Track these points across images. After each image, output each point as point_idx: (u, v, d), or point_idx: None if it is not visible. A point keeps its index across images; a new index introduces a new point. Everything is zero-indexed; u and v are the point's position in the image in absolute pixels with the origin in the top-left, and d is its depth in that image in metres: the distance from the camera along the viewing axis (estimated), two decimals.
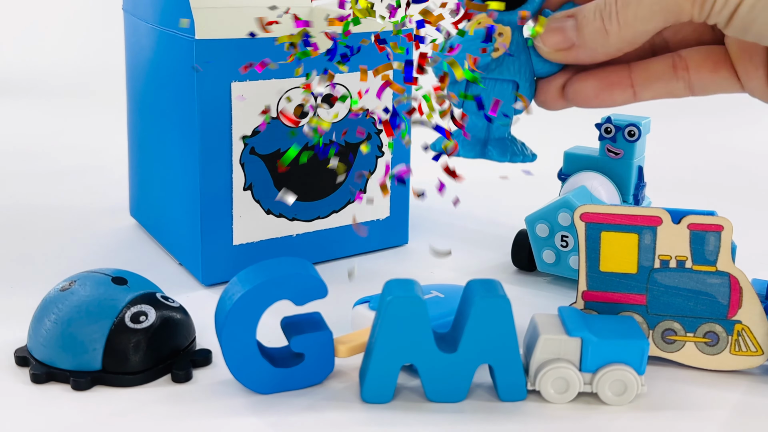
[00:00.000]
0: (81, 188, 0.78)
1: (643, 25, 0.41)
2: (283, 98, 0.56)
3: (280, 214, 0.58)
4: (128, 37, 0.65)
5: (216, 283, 0.58)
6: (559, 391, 0.45)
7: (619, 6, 0.41)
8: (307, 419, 0.43)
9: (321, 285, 0.45)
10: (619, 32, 0.42)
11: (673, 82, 0.45)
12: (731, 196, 0.81)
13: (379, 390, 0.45)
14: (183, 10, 0.53)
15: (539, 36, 0.44)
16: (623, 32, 0.42)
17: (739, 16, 0.39)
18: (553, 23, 0.44)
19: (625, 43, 0.42)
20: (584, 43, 0.43)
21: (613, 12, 0.42)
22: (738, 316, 0.48)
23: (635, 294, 0.48)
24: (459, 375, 0.44)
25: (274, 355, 0.46)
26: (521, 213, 0.61)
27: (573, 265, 0.57)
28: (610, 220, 0.48)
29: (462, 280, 0.52)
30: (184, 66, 0.54)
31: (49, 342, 0.46)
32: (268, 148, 0.57)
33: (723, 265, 0.47)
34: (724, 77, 0.45)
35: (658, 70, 0.45)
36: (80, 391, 0.45)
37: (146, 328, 0.46)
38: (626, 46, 0.43)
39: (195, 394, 0.45)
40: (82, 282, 0.47)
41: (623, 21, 0.41)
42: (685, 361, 0.49)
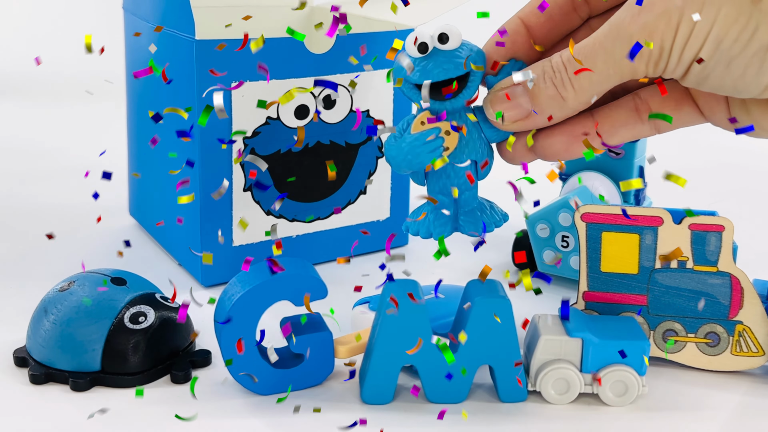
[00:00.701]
0: (81, 188, 0.78)
1: (598, 87, 0.41)
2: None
3: (280, 215, 0.58)
4: (128, 36, 0.65)
5: (216, 283, 0.58)
6: (559, 392, 0.45)
7: (570, 74, 0.41)
8: (307, 420, 0.43)
9: (321, 285, 0.45)
10: (575, 97, 0.42)
11: (639, 125, 0.45)
12: (732, 197, 0.81)
13: (379, 391, 0.44)
14: (183, 10, 0.53)
15: (493, 109, 0.43)
16: (579, 96, 0.42)
17: (693, 73, 0.40)
18: (502, 93, 0.43)
19: (583, 105, 0.42)
20: (541, 110, 0.43)
21: (566, 79, 0.41)
22: (739, 316, 0.47)
23: (636, 294, 0.48)
24: (459, 376, 0.44)
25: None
26: (521, 213, 0.61)
27: (574, 266, 0.57)
28: (611, 220, 0.48)
29: (462, 280, 0.52)
30: (184, 66, 0.54)
31: (48, 342, 0.46)
32: (268, 149, 0.56)
33: (724, 265, 0.47)
34: (687, 113, 0.45)
35: (621, 116, 0.45)
36: (79, 391, 0.45)
37: (145, 329, 0.46)
38: (583, 107, 0.42)
39: (194, 395, 0.45)
40: (81, 282, 0.47)
41: (578, 87, 0.41)
42: (686, 361, 0.48)
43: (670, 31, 0.39)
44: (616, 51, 0.40)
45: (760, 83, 0.39)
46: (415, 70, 0.43)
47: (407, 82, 0.44)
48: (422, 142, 0.44)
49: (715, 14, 0.38)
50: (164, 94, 0.58)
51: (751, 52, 0.39)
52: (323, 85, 0.41)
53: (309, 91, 0.44)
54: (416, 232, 0.47)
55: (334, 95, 0.58)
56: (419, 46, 0.43)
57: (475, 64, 0.44)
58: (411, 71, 0.43)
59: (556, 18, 0.46)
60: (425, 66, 0.43)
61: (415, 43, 0.43)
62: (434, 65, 0.43)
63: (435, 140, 0.44)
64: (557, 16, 0.46)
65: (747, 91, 0.40)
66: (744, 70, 0.39)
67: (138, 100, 0.64)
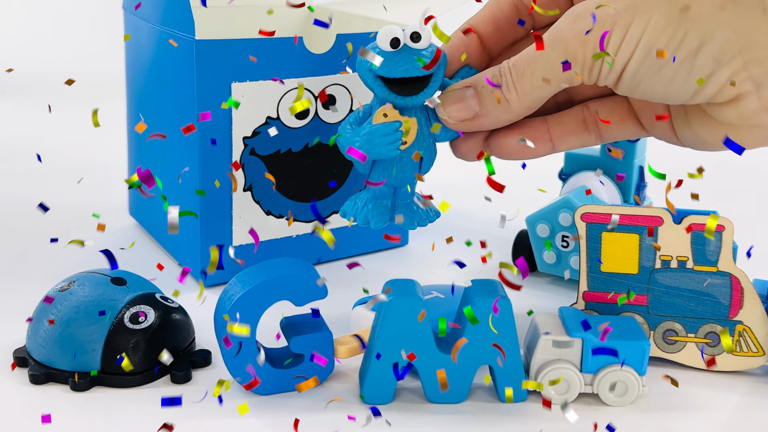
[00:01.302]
0: (81, 188, 0.78)
1: (539, 92, 0.43)
2: (282, 101, 0.56)
3: (280, 215, 0.58)
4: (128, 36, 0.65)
5: (216, 283, 0.58)
6: (559, 392, 0.45)
7: (513, 77, 0.43)
8: (307, 420, 0.43)
9: (321, 285, 0.45)
10: (518, 101, 0.44)
11: (585, 134, 0.48)
12: (732, 196, 0.81)
13: (379, 391, 0.44)
14: (183, 10, 0.53)
15: (444, 108, 0.46)
16: (522, 100, 0.44)
17: (625, 80, 0.42)
18: (454, 93, 0.46)
19: (526, 109, 0.45)
20: (487, 112, 0.45)
21: (510, 82, 0.44)
22: (739, 316, 0.47)
23: (636, 294, 0.48)
24: (459, 376, 0.44)
25: (274, 355, 0.46)
26: (522, 213, 0.61)
27: (574, 266, 0.57)
28: (608, 220, 0.48)
29: (462, 281, 0.52)
30: (184, 66, 0.54)
31: (48, 342, 0.46)
32: (268, 149, 0.56)
33: (724, 265, 0.47)
34: (629, 127, 0.47)
35: (571, 124, 0.48)
36: (79, 391, 0.45)
37: (145, 329, 0.46)
38: (527, 111, 0.45)
39: (194, 395, 0.45)
40: (81, 282, 0.47)
41: (521, 90, 0.44)
42: (686, 361, 0.48)
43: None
44: (554, 57, 0.42)
45: (689, 89, 0.41)
46: (384, 63, 0.45)
47: (371, 72, 0.46)
48: (381, 134, 0.46)
49: (645, 22, 0.40)
50: (164, 94, 0.58)
51: (679, 58, 0.40)
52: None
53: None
54: (354, 217, 0.49)
55: (335, 94, 0.58)
56: (392, 41, 0.45)
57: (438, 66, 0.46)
58: (379, 64, 0.45)
59: (503, 27, 0.49)
60: (395, 60, 0.45)
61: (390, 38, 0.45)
62: (404, 61, 0.45)
63: (395, 134, 0.46)
64: (504, 26, 0.49)
65: (677, 97, 0.41)
66: (673, 76, 0.40)
67: (138, 100, 0.64)
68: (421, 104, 0.47)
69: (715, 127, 0.43)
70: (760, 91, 0.40)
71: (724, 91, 0.40)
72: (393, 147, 0.46)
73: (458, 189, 0.75)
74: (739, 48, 0.39)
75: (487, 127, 0.46)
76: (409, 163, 0.48)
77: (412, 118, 0.46)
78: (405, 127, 0.46)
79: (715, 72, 0.40)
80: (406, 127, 0.46)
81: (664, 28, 0.40)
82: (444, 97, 0.46)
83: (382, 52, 0.45)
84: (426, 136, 0.48)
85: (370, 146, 0.46)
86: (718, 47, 0.39)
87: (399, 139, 0.46)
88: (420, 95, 0.46)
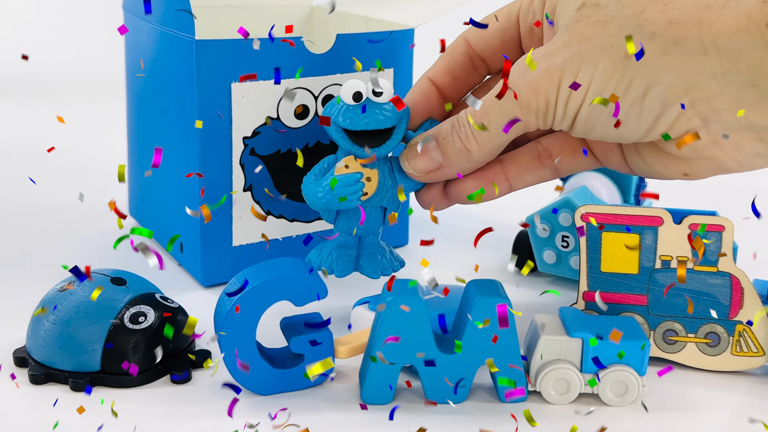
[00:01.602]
0: (81, 188, 0.78)
1: (498, 140, 0.45)
2: (283, 101, 0.56)
3: (280, 215, 0.58)
4: (128, 36, 0.65)
5: (215, 284, 0.58)
6: (560, 392, 0.45)
7: (473, 127, 0.45)
8: (307, 420, 0.43)
9: (321, 285, 0.45)
10: (479, 149, 0.46)
11: (541, 170, 0.49)
12: (733, 196, 0.80)
13: (379, 391, 0.44)
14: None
15: (408, 162, 0.48)
16: (482, 148, 0.46)
17: (579, 125, 0.44)
18: (416, 146, 0.47)
19: (487, 156, 0.46)
20: (450, 162, 0.47)
21: (469, 132, 0.46)
22: (739, 316, 0.47)
23: (636, 294, 0.48)
24: (459, 376, 0.44)
25: (274, 355, 0.46)
26: (522, 213, 0.61)
27: (574, 266, 0.57)
28: (611, 220, 0.48)
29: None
30: (184, 66, 0.54)
31: (48, 343, 0.46)
32: (268, 149, 0.56)
33: (724, 265, 0.47)
34: (584, 160, 0.49)
35: (526, 162, 0.49)
36: (79, 392, 0.45)
37: (145, 329, 0.46)
38: (489, 158, 0.47)
39: (194, 395, 0.45)
40: (80, 282, 0.47)
41: (480, 139, 0.45)
42: (686, 361, 0.48)
43: (553, 87, 0.43)
44: (508, 107, 0.44)
45: (641, 129, 0.43)
46: (347, 117, 0.47)
47: (335, 125, 0.48)
48: (342, 185, 0.47)
49: (592, 70, 0.42)
50: (164, 95, 0.58)
51: (628, 102, 0.42)
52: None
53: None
54: (319, 266, 0.50)
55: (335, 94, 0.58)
56: (354, 95, 0.47)
57: (401, 119, 0.48)
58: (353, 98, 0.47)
59: (458, 77, 0.51)
60: (358, 114, 0.47)
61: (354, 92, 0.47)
62: (366, 114, 0.47)
63: (355, 185, 0.47)
64: (460, 76, 0.51)
65: (630, 137, 0.43)
66: (624, 118, 0.42)
67: (138, 100, 0.64)
68: (385, 156, 0.49)
69: (668, 159, 0.45)
70: (708, 126, 0.42)
71: (673, 129, 0.42)
72: (354, 197, 0.48)
73: None
74: (684, 89, 0.41)
75: (451, 176, 0.48)
76: (373, 213, 0.50)
77: (373, 170, 0.48)
78: (366, 177, 0.48)
79: (664, 112, 0.42)
80: (367, 178, 0.48)
81: (611, 75, 0.42)
82: (407, 151, 0.48)
83: (347, 105, 0.47)
84: (389, 187, 0.49)
85: (331, 196, 0.48)
86: (665, 89, 0.41)
87: (360, 190, 0.48)
88: (382, 147, 0.48)
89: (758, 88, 0.40)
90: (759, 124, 0.41)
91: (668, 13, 0.41)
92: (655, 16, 0.41)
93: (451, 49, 0.51)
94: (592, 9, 0.43)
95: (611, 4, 0.42)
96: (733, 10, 0.40)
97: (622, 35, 0.41)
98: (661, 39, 0.41)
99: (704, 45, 0.40)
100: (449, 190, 0.49)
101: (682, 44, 0.41)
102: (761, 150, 0.42)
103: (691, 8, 0.41)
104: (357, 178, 0.48)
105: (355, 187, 0.48)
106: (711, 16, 0.40)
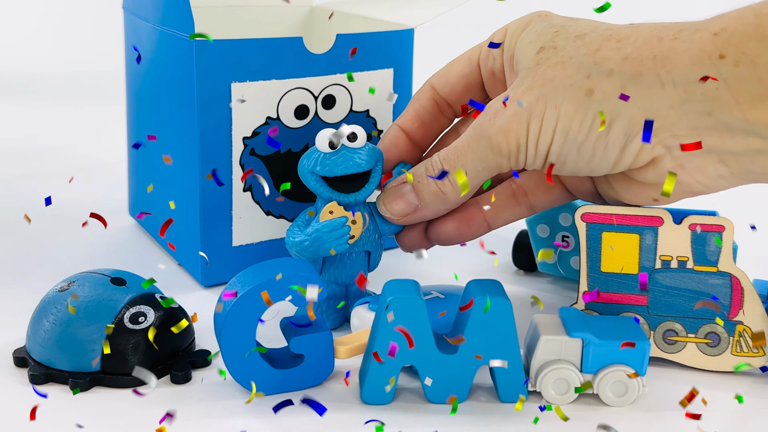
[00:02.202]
0: (81, 188, 0.78)
1: (472, 182, 0.47)
2: (282, 101, 0.56)
3: (279, 215, 0.58)
4: (128, 36, 0.65)
5: (215, 284, 0.58)
6: (560, 393, 0.45)
7: (446, 169, 0.47)
8: (307, 420, 0.43)
9: (321, 285, 0.45)
10: (453, 191, 0.48)
11: (517, 208, 0.51)
12: (733, 196, 0.80)
13: (379, 391, 0.44)
14: (183, 10, 0.53)
15: (385, 205, 0.50)
16: (456, 190, 0.48)
17: (550, 162, 0.45)
18: (393, 191, 0.49)
19: (461, 198, 0.48)
20: (426, 205, 0.49)
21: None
22: (739, 316, 0.47)
23: (636, 294, 0.48)
24: (459, 376, 0.44)
25: (274, 356, 0.46)
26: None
27: (574, 266, 0.57)
28: (612, 220, 0.48)
29: (462, 281, 0.52)
30: (184, 66, 0.54)
31: (48, 343, 0.46)
32: (268, 150, 0.56)
33: (724, 265, 0.47)
34: (557, 194, 0.51)
35: (501, 201, 0.51)
36: (79, 392, 0.45)
37: (145, 329, 0.46)
38: (463, 200, 0.49)
39: (194, 395, 0.45)
40: (81, 282, 0.47)
41: (454, 182, 0.47)
42: (686, 361, 0.48)
43: (522, 129, 0.44)
44: (481, 150, 0.46)
45: (609, 161, 0.45)
46: (325, 165, 0.49)
47: (314, 174, 0.49)
48: (329, 230, 0.48)
49: (557, 111, 0.43)
50: (164, 95, 0.58)
51: (594, 137, 0.44)
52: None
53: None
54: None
55: (335, 94, 0.58)
56: (330, 142, 0.49)
57: (376, 163, 0.50)
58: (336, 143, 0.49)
59: (427, 122, 0.53)
60: (335, 160, 0.49)
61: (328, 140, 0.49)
62: (343, 160, 0.49)
63: (342, 228, 0.48)
64: (428, 121, 0.53)
65: (600, 169, 0.45)
66: (592, 152, 0.44)
67: (138, 100, 0.64)
68: (364, 200, 0.50)
69: (636, 187, 0.46)
70: (672, 152, 0.44)
71: (639, 157, 0.44)
72: (342, 242, 0.49)
73: None
74: (645, 120, 0.43)
75: (427, 218, 0.50)
76: (358, 259, 0.51)
77: (357, 213, 0.50)
78: (351, 221, 0.49)
79: (628, 144, 0.44)
80: (353, 221, 0.49)
81: (575, 113, 0.43)
82: (384, 195, 0.50)
83: (323, 154, 0.49)
84: (371, 231, 0.51)
85: (319, 244, 0.48)
86: (626, 122, 0.43)
87: (347, 233, 0.49)
88: (362, 191, 0.49)
89: (713, 116, 0.42)
90: (718, 147, 0.43)
91: (622, 50, 0.43)
92: (610, 54, 0.43)
93: (418, 96, 0.53)
94: (550, 52, 0.45)
95: (567, 46, 0.45)
96: (686, 42, 0.42)
97: (581, 75, 0.43)
98: (618, 75, 0.43)
99: (660, 78, 0.42)
100: (429, 232, 0.52)
101: (638, 79, 0.43)
102: (723, 172, 0.44)
103: (643, 42, 0.43)
104: (343, 222, 0.49)
105: (341, 231, 0.49)
106: (664, 49, 0.42)
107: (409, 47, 0.61)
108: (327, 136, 0.49)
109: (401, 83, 0.60)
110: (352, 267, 0.51)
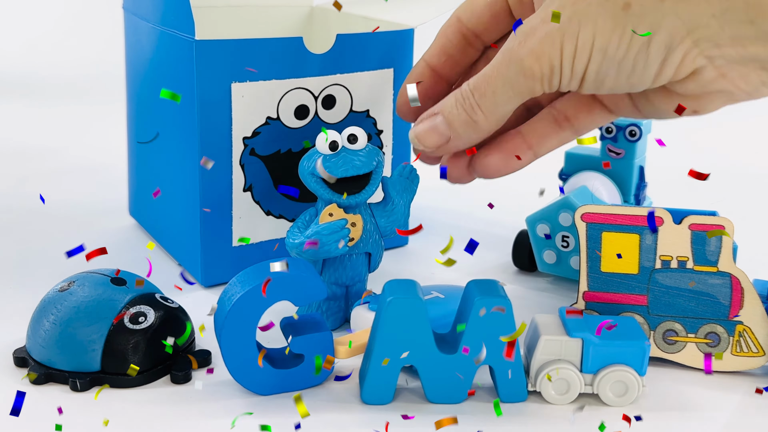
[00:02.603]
0: (81, 188, 0.78)
1: (504, 108, 0.45)
2: (282, 101, 0.56)
3: (279, 215, 0.58)
4: (128, 36, 0.65)
5: (215, 284, 0.58)
6: (560, 392, 0.45)
7: (477, 98, 0.46)
8: (307, 420, 0.43)
9: (321, 285, 0.45)
10: (486, 120, 0.46)
11: (561, 133, 0.50)
12: (733, 196, 0.81)
13: (379, 391, 0.44)
14: (183, 10, 0.53)
15: (417, 137, 0.48)
16: (489, 118, 0.46)
17: (588, 81, 0.44)
18: (424, 123, 0.48)
19: (494, 125, 0.46)
20: (458, 135, 0.47)
21: (474, 104, 0.46)
22: (739, 316, 0.47)
23: (636, 294, 0.48)
24: (459, 376, 0.44)
25: (274, 356, 0.46)
26: (522, 213, 0.61)
27: (574, 266, 0.57)
28: (611, 220, 0.48)
29: (462, 281, 0.52)
30: (184, 66, 0.54)
31: (48, 343, 0.46)
32: (268, 149, 0.56)
33: (724, 265, 0.47)
34: (599, 114, 0.49)
35: (544, 128, 0.49)
36: (79, 392, 0.45)
37: (145, 329, 0.46)
38: (496, 126, 0.47)
39: (194, 395, 0.45)
40: (81, 282, 0.47)
41: (486, 110, 0.46)
42: (686, 361, 0.48)
43: (555, 52, 0.43)
44: (511, 75, 0.44)
45: (650, 75, 0.43)
46: (325, 166, 0.49)
47: (314, 176, 0.49)
48: (329, 232, 0.48)
49: (592, 28, 0.42)
50: None
51: (634, 52, 0.42)
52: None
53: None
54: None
55: (335, 94, 0.58)
56: (330, 144, 0.49)
57: (378, 163, 0.50)
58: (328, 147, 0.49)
59: (455, 56, 0.51)
60: (335, 162, 0.49)
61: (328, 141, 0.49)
62: (343, 162, 0.49)
63: (342, 231, 0.48)
64: (455, 54, 0.51)
65: (641, 84, 0.44)
66: (632, 68, 0.43)
67: (138, 100, 0.64)
68: (364, 202, 0.50)
69: (677, 99, 0.45)
70: (714, 62, 0.42)
71: (681, 69, 0.43)
72: (342, 243, 0.49)
73: (458, 188, 0.75)
74: (686, 31, 0.41)
75: (460, 148, 0.48)
76: (358, 260, 0.51)
77: (357, 215, 0.50)
78: (351, 223, 0.49)
79: (669, 56, 0.42)
80: (352, 224, 0.49)
81: (613, 30, 0.42)
82: (415, 128, 0.48)
83: (324, 155, 0.49)
84: (371, 232, 0.51)
85: (320, 245, 0.48)
86: (668, 34, 0.42)
87: (347, 235, 0.49)
88: (362, 193, 0.50)
89: (756, 25, 0.41)
90: (761, 56, 0.42)
91: None
92: None
93: (444, 29, 0.52)
94: None
95: None
96: None
97: None
98: None
99: None
100: (474, 164, 0.50)
101: None
102: (766, 79, 0.43)
103: None
104: (342, 225, 0.49)
105: (341, 233, 0.49)
106: None
107: (409, 47, 0.61)
108: (328, 137, 0.49)
109: (401, 83, 0.60)
110: (352, 268, 0.51)
